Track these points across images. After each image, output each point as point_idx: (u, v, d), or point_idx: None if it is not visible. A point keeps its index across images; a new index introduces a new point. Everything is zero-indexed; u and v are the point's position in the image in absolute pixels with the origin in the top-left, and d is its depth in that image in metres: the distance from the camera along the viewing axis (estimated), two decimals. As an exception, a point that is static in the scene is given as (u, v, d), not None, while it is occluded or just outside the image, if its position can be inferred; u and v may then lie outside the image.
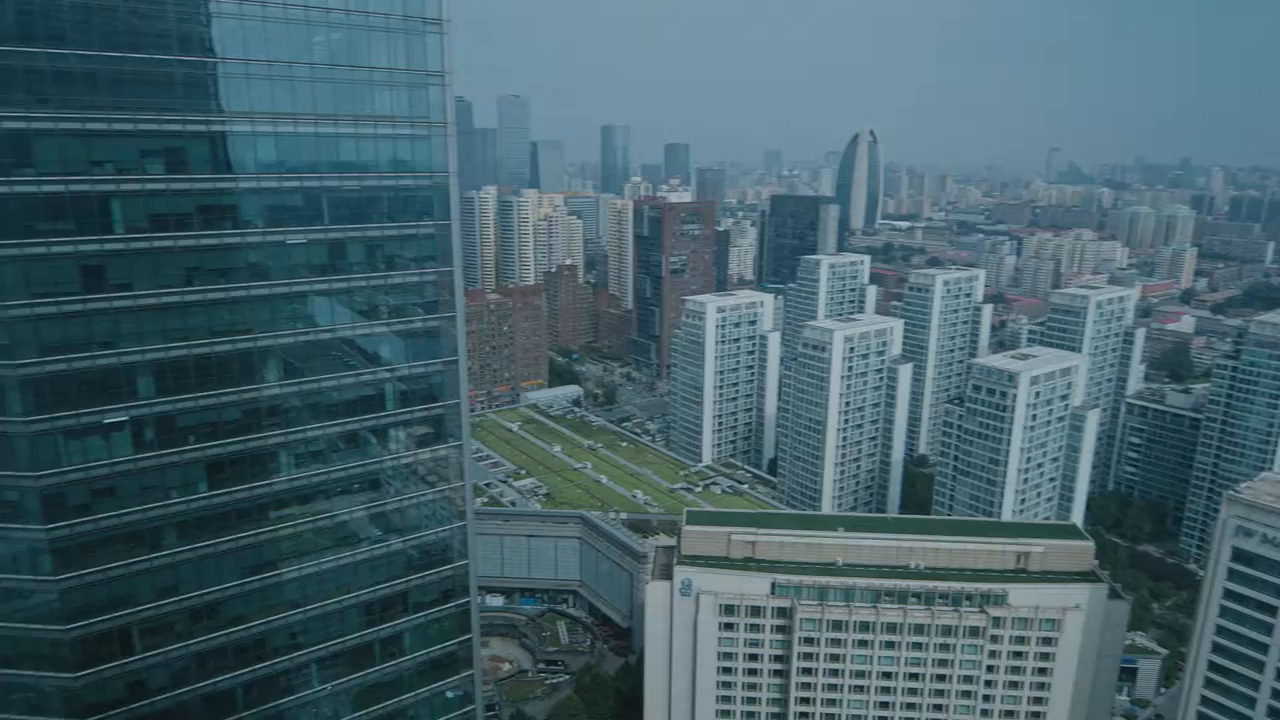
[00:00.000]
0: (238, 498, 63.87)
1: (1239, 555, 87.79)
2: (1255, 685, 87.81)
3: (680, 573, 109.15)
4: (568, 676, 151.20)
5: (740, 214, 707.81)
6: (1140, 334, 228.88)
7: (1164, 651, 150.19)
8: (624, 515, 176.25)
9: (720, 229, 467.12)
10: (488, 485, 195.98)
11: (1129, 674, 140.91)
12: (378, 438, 70.54)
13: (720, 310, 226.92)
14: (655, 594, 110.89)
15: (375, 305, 68.95)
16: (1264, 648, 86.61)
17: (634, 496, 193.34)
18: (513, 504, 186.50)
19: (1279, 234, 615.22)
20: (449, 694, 78.59)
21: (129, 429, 58.82)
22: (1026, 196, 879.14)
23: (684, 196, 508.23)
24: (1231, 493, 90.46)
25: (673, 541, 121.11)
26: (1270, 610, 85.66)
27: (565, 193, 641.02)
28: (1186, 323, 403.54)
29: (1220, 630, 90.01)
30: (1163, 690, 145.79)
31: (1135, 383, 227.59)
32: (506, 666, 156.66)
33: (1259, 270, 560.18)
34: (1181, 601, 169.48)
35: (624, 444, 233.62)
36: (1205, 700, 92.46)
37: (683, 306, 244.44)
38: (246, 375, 62.82)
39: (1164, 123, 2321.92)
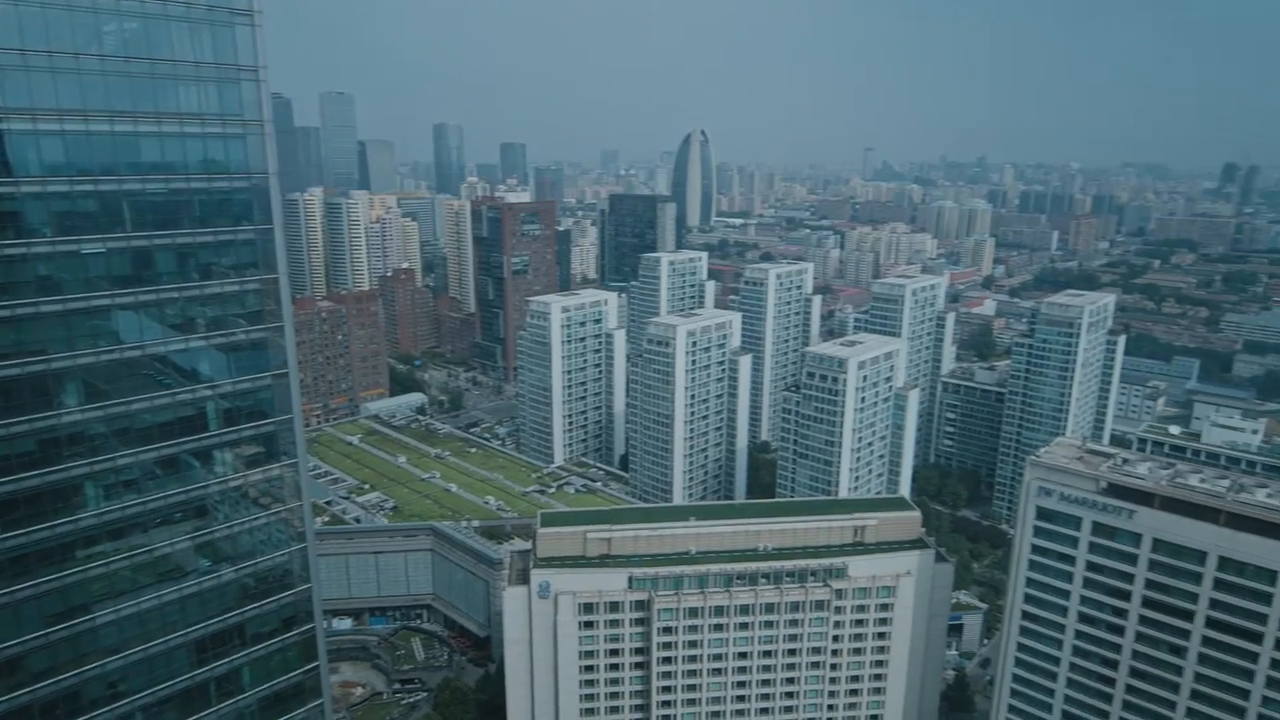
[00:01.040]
0: (37, 538, 57.27)
1: (1041, 513, 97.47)
2: (1061, 628, 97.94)
3: (537, 575, 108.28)
4: (425, 694, 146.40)
5: (580, 213, 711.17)
6: (950, 318, 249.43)
7: (984, 606, 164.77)
8: (477, 523, 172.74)
9: (561, 229, 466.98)
10: (329, 503, 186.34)
11: (955, 630, 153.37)
12: (201, 461, 65.27)
13: (565, 310, 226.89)
14: (513, 599, 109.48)
15: (191, 318, 63.65)
16: (1066, 594, 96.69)
17: (486, 503, 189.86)
18: (357, 521, 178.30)
19: (1062, 224, 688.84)
20: (297, 727, 74.06)
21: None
22: (846, 193, 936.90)
23: (523, 196, 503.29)
24: (1033, 457, 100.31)
25: (528, 545, 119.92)
26: (1069, 560, 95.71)
27: (398, 194, 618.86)
28: (989, 306, 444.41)
29: (1030, 582, 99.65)
30: (985, 641, 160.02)
31: (948, 363, 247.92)
32: (359, 691, 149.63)
33: (1046, 256, 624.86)
34: (997, 559, 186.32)
35: (473, 450, 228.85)
36: (1021, 646, 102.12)
37: (527, 307, 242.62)
38: (41, 401, 56.36)
39: (963, 124, 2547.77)
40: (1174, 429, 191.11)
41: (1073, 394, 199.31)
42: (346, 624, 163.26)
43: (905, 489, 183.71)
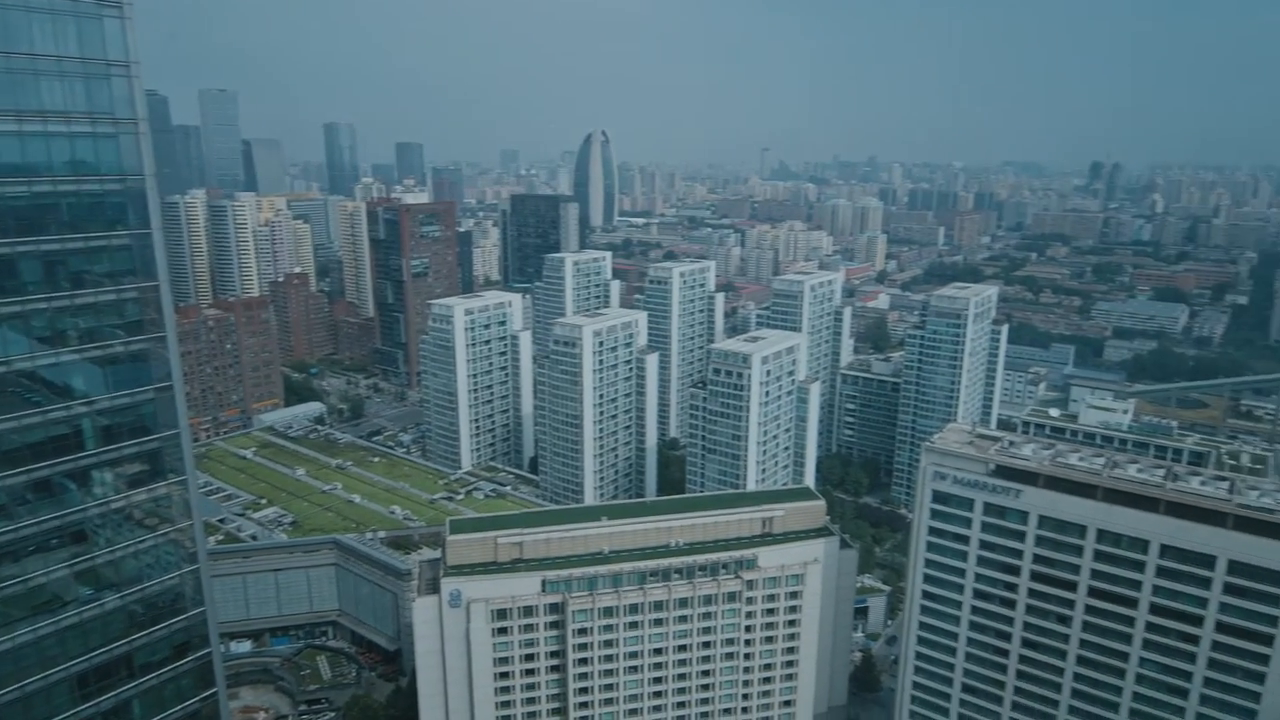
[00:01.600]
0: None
1: (937, 496, 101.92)
2: (959, 605, 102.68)
3: (448, 584, 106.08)
4: (333, 714, 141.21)
5: (481, 214, 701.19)
6: (847, 312, 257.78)
7: (888, 588, 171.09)
8: (383, 534, 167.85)
9: (462, 230, 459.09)
10: (222, 521, 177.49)
11: (861, 613, 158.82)
12: (78, 483, 60.93)
13: (468, 312, 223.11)
14: (423, 610, 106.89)
15: (61, 330, 59.33)
16: (962, 572, 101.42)
17: (392, 513, 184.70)
18: (254, 538, 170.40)
19: (948, 220, 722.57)
20: (194, 759, 70.14)
21: None
22: (745, 192, 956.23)
23: (421, 197, 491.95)
24: (927, 444, 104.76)
25: (438, 554, 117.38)
26: (964, 540, 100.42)
27: (288, 195, 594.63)
28: (883, 300, 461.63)
29: (929, 563, 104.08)
30: (889, 622, 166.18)
31: (846, 355, 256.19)
32: (261, 716, 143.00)
33: (934, 251, 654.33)
34: (898, 543, 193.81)
35: (376, 459, 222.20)
36: (923, 625, 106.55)
37: (429, 311, 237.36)
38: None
39: (854, 125, 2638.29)
40: (1054, 412, 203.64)
41: (962, 382, 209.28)
42: (246, 646, 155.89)
43: (810, 479, 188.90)
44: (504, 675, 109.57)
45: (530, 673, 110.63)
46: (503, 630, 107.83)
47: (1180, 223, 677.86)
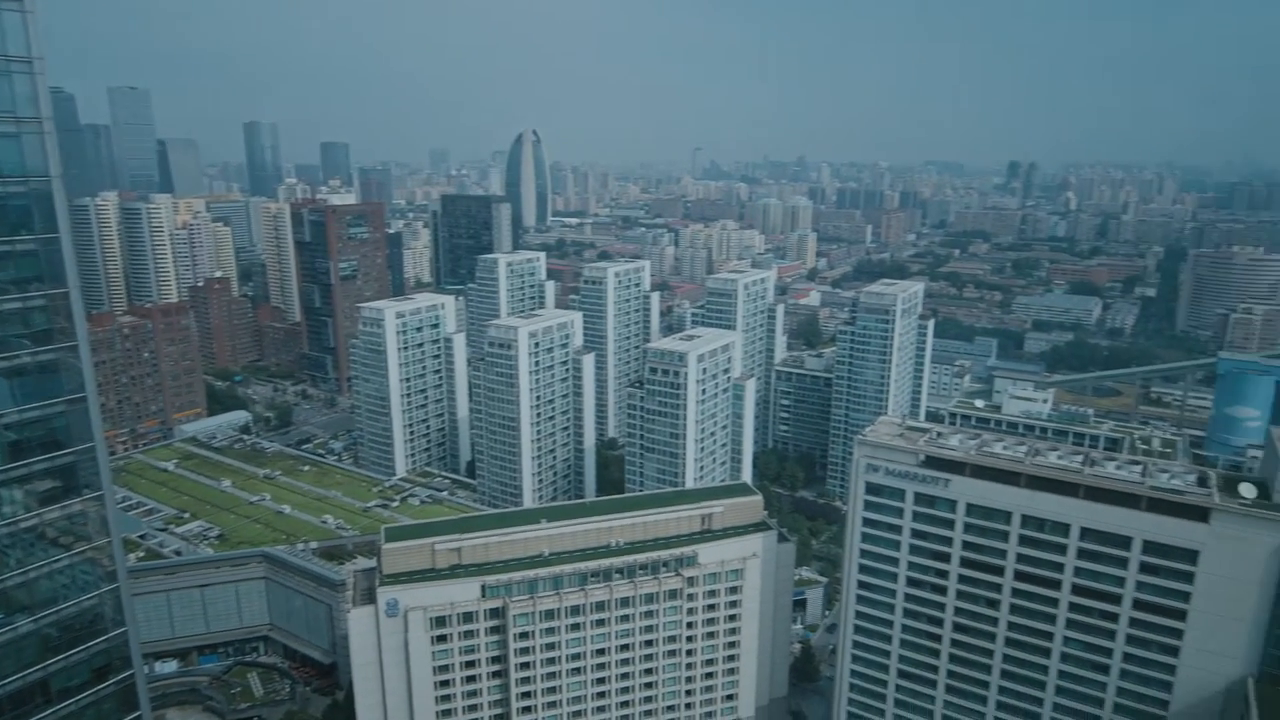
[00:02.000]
0: None
1: (870, 488, 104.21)
2: (893, 594, 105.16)
3: (384, 593, 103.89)
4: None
5: (411, 215, 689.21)
6: (780, 310, 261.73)
7: (824, 579, 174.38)
8: (315, 544, 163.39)
9: (391, 231, 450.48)
10: (143, 537, 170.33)
11: (800, 605, 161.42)
12: (-16, 502, 57.53)
13: (400, 315, 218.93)
14: (359, 621, 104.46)
15: (-38, 340, 55.96)
16: (896, 561, 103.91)
17: (324, 522, 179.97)
18: (177, 553, 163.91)
19: (875, 218, 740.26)
20: (118, 787, 67.05)
21: None
22: (678, 192, 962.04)
23: (348, 198, 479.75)
24: (860, 437, 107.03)
25: (373, 563, 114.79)
26: (897, 529, 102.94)
27: (207, 197, 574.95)
28: (814, 297, 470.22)
29: (863, 553, 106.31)
30: (827, 612, 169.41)
31: (780, 352, 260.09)
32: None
33: (863, 249, 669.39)
34: (833, 534, 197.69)
35: (306, 468, 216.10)
36: (859, 614, 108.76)
37: (358, 314, 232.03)
38: None
39: (783, 125, 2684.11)
40: (979, 403, 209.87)
41: (892, 376, 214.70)
42: (172, 666, 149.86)
43: (747, 475, 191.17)
44: (445, 683, 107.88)
45: (472, 679, 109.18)
46: (442, 638, 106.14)
47: (1092, 219, 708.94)
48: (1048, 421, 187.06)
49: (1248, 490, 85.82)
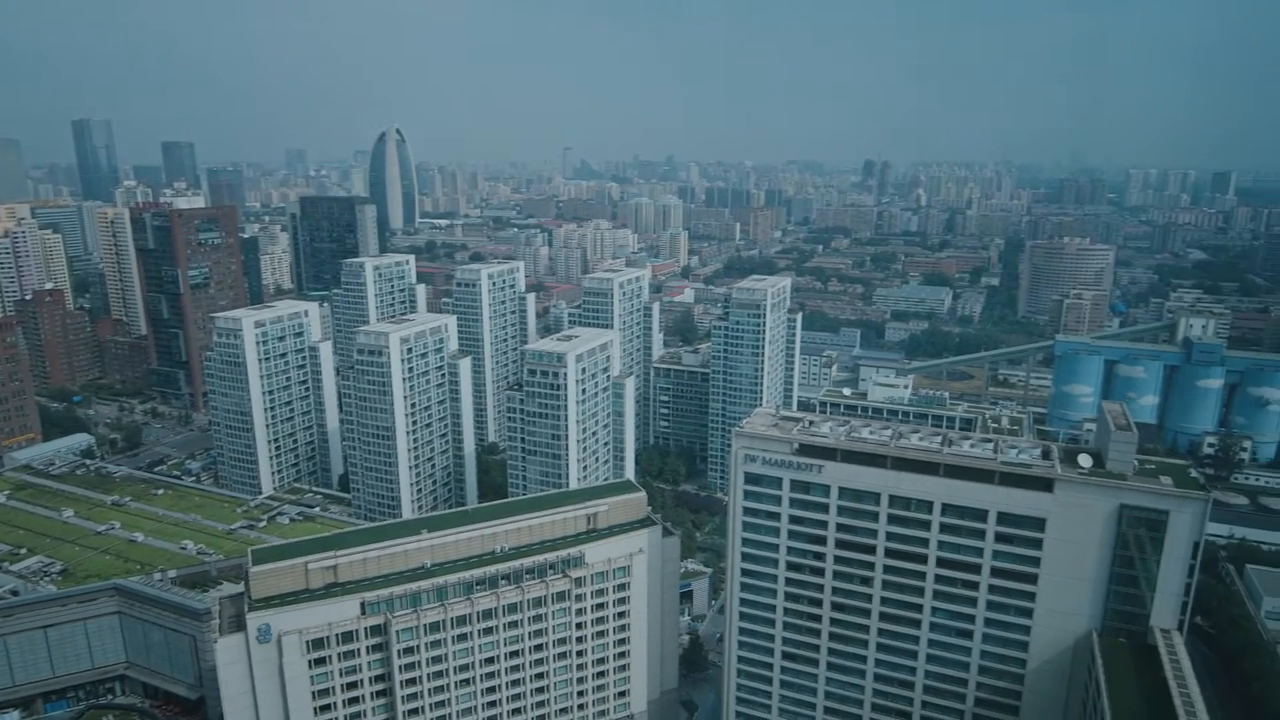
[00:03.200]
0: None
1: (749, 478, 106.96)
2: (775, 579, 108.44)
3: (255, 619, 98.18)
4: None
5: (268, 218, 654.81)
6: (656, 307, 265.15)
7: (709, 570, 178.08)
8: (174, 573, 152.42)
9: (246, 236, 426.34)
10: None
11: (686, 597, 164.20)
12: None
13: (259, 324, 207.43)
14: (228, 650, 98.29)
15: None
16: (776, 547, 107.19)
17: (183, 548, 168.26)
18: (14, 593, 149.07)
19: (743, 216, 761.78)
20: None
21: None
22: (550, 191, 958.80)
23: (196, 201, 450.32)
24: (737, 429, 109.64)
25: (241, 588, 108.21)
26: (776, 517, 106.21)
27: (32, 202, 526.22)
28: (688, 294, 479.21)
29: (745, 542, 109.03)
30: (713, 602, 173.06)
31: (657, 349, 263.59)
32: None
33: (732, 246, 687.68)
34: (716, 526, 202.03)
35: (161, 491, 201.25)
36: (743, 601, 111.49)
37: (213, 325, 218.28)
38: None
39: (652, 124, 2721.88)
40: (846, 391, 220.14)
41: (764, 368, 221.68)
42: (14, 717, 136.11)
43: (630, 472, 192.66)
44: (325, 708, 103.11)
45: (355, 701, 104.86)
46: (321, 660, 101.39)
47: (941, 214, 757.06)
48: (909, 406, 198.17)
49: (1085, 460, 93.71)
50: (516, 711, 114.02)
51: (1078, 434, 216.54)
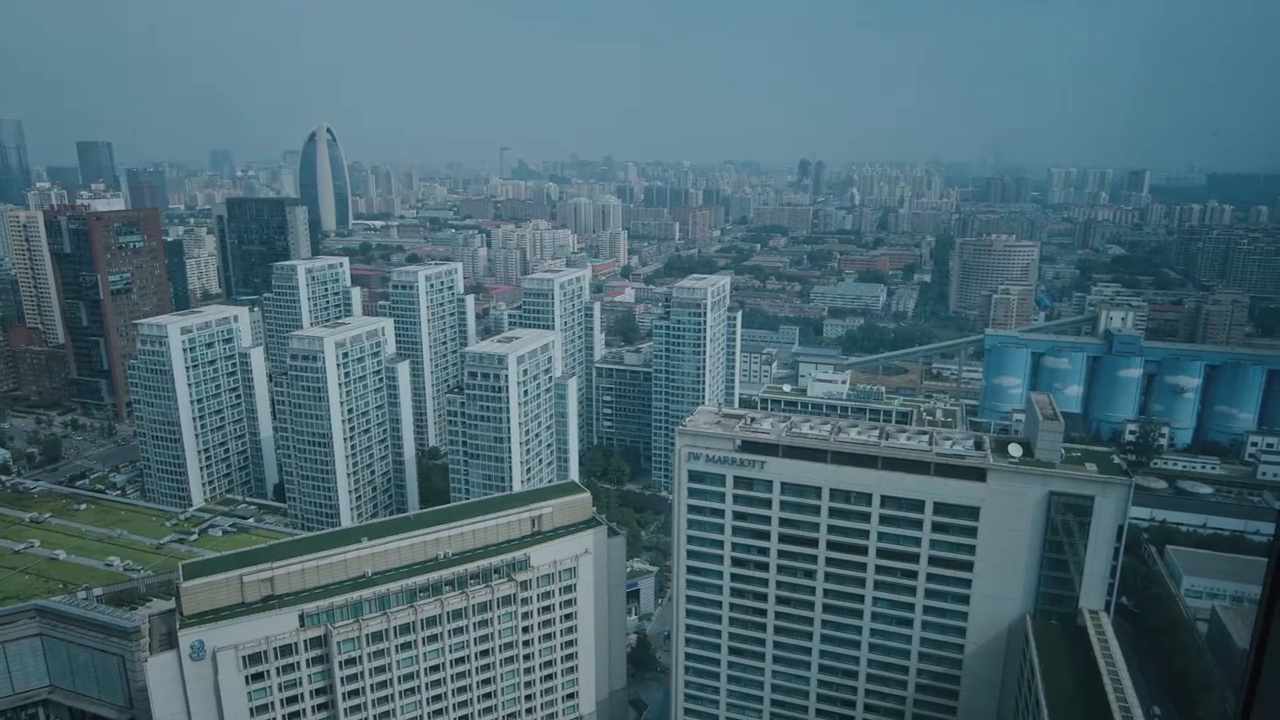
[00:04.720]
0: None
1: (693, 475, 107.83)
2: (720, 575, 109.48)
3: (187, 636, 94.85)
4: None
5: (193, 220, 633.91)
6: (597, 307, 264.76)
7: (655, 569, 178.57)
8: (99, 591, 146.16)
9: (170, 239, 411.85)
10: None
11: (633, 596, 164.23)
12: None
13: (186, 331, 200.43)
14: (159, 669, 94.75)
15: None
16: (720, 543, 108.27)
17: (109, 565, 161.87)
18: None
19: (681, 216, 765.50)
20: None
21: None
22: (487, 192, 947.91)
23: (115, 203, 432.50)
24: (680, 427, 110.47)
25: (171, 604, 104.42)
26: (720, 513, 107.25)
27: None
28: (629, 294, 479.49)
29: (690, 539, 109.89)
30: (660, 600, 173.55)
31: (599, 349, 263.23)
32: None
33: (672, 246, 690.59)
34: (661, 524, 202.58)
35: (83, 506, 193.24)
36: (690, 598, 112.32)
37: (136, 332, 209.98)
38: None
39: (589, 124, 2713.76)
40: (786, 387, 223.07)
41: (706, 366, 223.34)
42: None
43: (574, 473, 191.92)
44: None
45: (295, 716, 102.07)
46: (258, 676, 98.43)
47: (874, 213, 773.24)
48: (847, 401, 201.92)
49: (1015, 450, 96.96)
50: (463, 719, 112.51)
51: (1008, 424, 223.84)
